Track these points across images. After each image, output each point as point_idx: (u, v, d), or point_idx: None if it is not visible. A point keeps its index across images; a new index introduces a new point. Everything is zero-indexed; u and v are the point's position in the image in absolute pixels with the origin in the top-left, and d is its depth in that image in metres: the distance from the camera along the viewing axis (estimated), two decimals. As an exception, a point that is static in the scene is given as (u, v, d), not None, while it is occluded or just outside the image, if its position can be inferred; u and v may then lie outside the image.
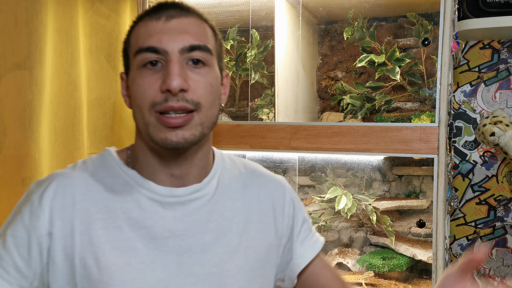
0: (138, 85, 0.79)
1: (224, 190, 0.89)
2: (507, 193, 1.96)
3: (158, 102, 0.77)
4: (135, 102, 0.81)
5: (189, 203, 0.84)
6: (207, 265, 0.83)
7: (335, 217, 1.76)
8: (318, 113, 1.93)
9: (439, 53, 1.35)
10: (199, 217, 0.84)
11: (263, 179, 0.96)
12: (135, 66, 0.80)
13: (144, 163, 0.85)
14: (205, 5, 1.84)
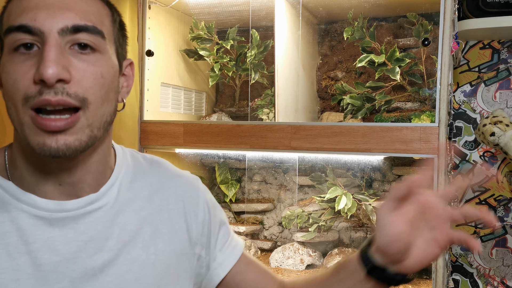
0: (8, 73, 0.63)
1: (127, 199, 0.75)
2: (507, 193, 1.96)
3: (31, 95, 0.61)
4: (6, 95, 0.64)
5: (82, 218, 0.69)
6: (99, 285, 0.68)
7: (335, 217, 1.76)
8: (318, 113, 1.93)
9: (439, 53, 1.35)
10: (96, 235, 0.69)
11: (173, 181, 0.82)
12: (6, 50, 0.64)
13: (24, 171, 0.68)
14: (205, 5, 1.84)
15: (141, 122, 1.70)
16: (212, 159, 2.02)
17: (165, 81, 1.83)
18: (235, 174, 2.01)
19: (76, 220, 0.68)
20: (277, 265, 1.74)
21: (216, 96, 2.15)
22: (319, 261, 1.77)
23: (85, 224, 0.69)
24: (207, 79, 1.89)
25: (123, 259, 0.71)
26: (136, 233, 0.74)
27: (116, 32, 0.72)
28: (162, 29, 1.80)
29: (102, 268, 0.69)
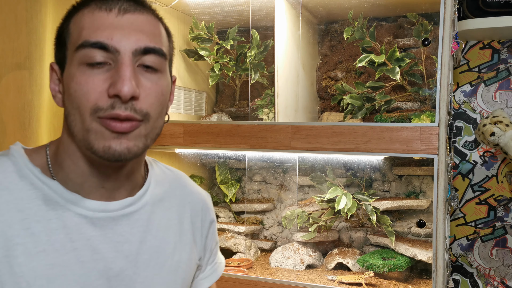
0: (79, 84, 0.67)
1: (157, 206, 0.82)
2: (507, 193, 1.96)
3: (103, 108, 0.67)
4: (72, 103, 0.69)
5: (121, 220, 0.75)
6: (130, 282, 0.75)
7: (335, 217, 1.76)
8: (318, 113, 1.93)
9: (439, 53, 1.35)
10: (131, 237, 0.76)
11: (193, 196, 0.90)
12: (76, 61, 0.68)
13: (71, 172, 0.73)
14: (205, 5, 1.84)
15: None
16: (212, 159, 2.02)
17: (165, 81, 1.83)
18: (235, 174, 2.01)
19: (116, 221, 0.75)
20: (277, 265, 1.75)
21: (216, 96, 2.15)
22: (319, 261, 1.77)
23: (123, 226, 0.75)
24: (207, 79, 1.89)
25: (154, 262, 0.78)
26: (165, 240, 0.81)
27: (171, 52, 0.79)
28: (162, 29, 1.80)
29: (135, 270, 0.76)
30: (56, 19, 1.38)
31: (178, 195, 0.87)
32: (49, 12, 1.34)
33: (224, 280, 1.57)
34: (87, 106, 0.67)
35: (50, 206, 0.70)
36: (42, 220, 0.70)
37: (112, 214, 0.74)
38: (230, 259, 1.81)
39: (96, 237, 0.72)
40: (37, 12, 1.29)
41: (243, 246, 1.85)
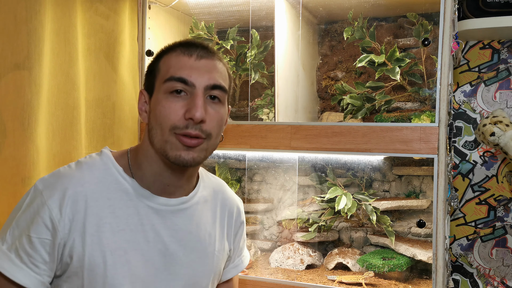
0: (164, 107, 0.92)
1: (203, 205, 1.06)
2: (507, 193, 1.96)
3: (179, 127, 0.91)
4: (157, 121, 0.93)
5: (177, 213, 1.00)
6: (185, 267, 1.01)
7: (335, 217, 1.76)
8: (318, 113, 1.93)
9: (439, 53, 1.35)
10: (185, 227, 1.01)
11: (230, 201, 1.16)
12: (163, 90, 0.93)
13: (147, 172, 0.97)
14: (205, 5, 1.84)
15: (141, 122, 1.70)
16: (212, 159, 2.02)
17: (165, 81, 1.82)
18: (235, 174, 2.01)
19: (174, 214, 0.99)
20: (277, 265, 1.74)
21: (216, 96, 2.15)
22: (319, 261, 1.77)
23: (178, 218, 1.00)
24: (207, 79, 1.88)
25: (198, 248, 1.03)
26: (208, 233, 1.06)
27: (230, 87, 1.04)
28: (162, 29, 1.80)
29: (184, 252, 1.00)
30: (55, 19, 1.38)
31: (219, 199, 1.12)
32: (49, 12, 1.34)
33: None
34: (168, 124, 0.92)
35: (129, 197, 0.95)
36: (123, 207, 0.94)
37: (171, 208, 0.99)
38: (230, 259, 1.81)
39: (159, 224, 0.97)
40: (37, 12, 1.29)
41: (243, 246, 1.85)
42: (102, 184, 0.93)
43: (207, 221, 1.07)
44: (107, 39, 1.58)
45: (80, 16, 1.48)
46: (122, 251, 0.92)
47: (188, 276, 1.01)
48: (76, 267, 0.89)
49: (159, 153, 0.94)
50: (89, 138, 1.52)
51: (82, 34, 1.49)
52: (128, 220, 0.94)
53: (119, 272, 0.91)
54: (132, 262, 0.93)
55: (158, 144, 0.93)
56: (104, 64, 1.57)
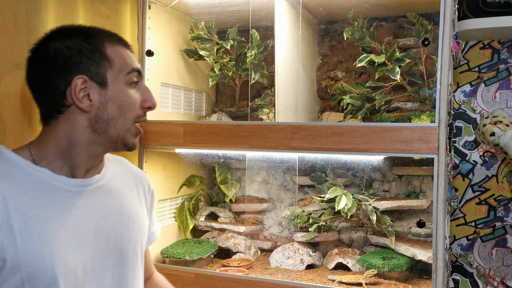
0: (130, 98, 0.99)
1: (117, 179, 1.10)
2: (507, 193, 1.96)
3: (141, 115, 1.02)
4: (121, 111, 0.98)
5: (96, 191, 1.02)
6: (118, 240, 1.03)
7: (335, 217, 1.76)
8: (318, 113, 1.93)
9: (439, 53, 1.35)
10: (106, 203, 1.04)
11: (137, 173, 1.20)
12: (125, 82, 0.99)
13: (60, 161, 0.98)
14: (205, 5, 1.84)
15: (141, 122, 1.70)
16: (212, 159, 2.02)
17: (165, 81, 1.83)
18: (235, 174, 2.01)
19: (94, 192, 1.02)
20: (277, 265, 1.75)
21: (216, 96, 2.15)
22: (319, 261, 1.77)
23: (99, 196, 1.03)
24: (207, 79, 1.89)
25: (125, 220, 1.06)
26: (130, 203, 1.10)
27: None
28: (162, 29, 1.80)
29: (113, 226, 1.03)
30: (56, 19, 1.38)
31: (128, 171, 1.16)
32: (49, 12, 1.34)
33: (224, 280, 1.57)
34: (133, 114, 1.00)
35: (47, 186, 0.95)
36: (44, 197, 0.93)
37: (90, 188, 1.01)
38: (230, 259, 1.81)
39: (84, 205, 0.98)
40: (37, 12, 1.29)
41: (243, 246, 1.85)
42: (14, 180, 0.92)
43: (125, 192, 1.10)
44: (107, 39, 1.58)
45: (81, 16, 1.48)
46: (56, 240, 0.91)
47: (122, 247, 1.04)
48: (11, 268, 0.87)
49: (112, 141, 0.99)
50: (89, 138, 1.51)
51: (82, 34, 1.49)
52: (53, 208, 0.93)
53: (57, 261, 0.90)
54: (68, 248, 0.93)
55: (117, 133, 0.99)
56: (104, 64, 1.57)
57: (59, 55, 0.96)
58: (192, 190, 2.02)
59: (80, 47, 0.97)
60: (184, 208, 1.91)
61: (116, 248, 1.03)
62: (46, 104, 0.99)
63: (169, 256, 1.73)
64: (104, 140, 0.99)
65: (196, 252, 1.72)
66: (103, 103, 0.97)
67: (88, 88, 0.96)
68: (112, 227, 1.03)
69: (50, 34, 1.00)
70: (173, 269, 1.65)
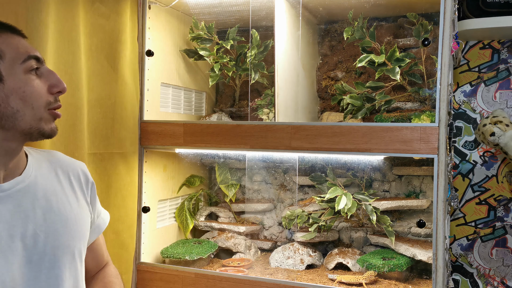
0: (34, 87, 0.94)
1: (43, 178, 1.03)
2: (507, 193, 1.96)
3: (52, 102, 0.97)
4: (26, 102, 0.93)
5: (16, 195, 0.96)
6: (50, 242, 0.98)
7: (335, 217, 1.76)
8: (318, 113, 1.93)
9: (439, 53, 1.35)
10: (31, 206, 0.97)
11: (70, 166, 1.13)
12: (22, 71, 0.93)
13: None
14: (205, 5, 1.84)
15: (141, 122, 1.70)
16: (212, 159, 2.02)
17: (165, 81, 1.83)
18: (235, 174, 2.01)
19: (14, 196, 0.95)
20: (277, 265, 1.75)
21: (216, 96, 2.15)
22: (319, 261, 1.77)
23: (22, 199, 0.97)
24: (207, 79, 1.89)
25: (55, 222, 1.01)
26: (62, 202, 1.04)
27: None
28: (162, 29, 1.80)
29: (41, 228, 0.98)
30: (56, 19, 1.38)
31: (58, 167, 1.10)
32: (50, 12, 1.34)
33: (224, 280, 1.57)
34: (41, 102, 0.94)
35: None
36: None
37: (8, 192, 0.95)
38: (230, 259, 1.81)
39: (4, 211, 0.92)
40: (38, 12, 1.29)
41: (243, 246, 1.85)
42: None
43: (55, 191, 1.04)
44: (108, 39, 1.58)
45: (81, 16, 1.48)
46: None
47: (54, 248, 0.99)
48: None
49: (25, 133, 0.94)
50: (91, 138, 1.52)
51: (84, 34, 1.50)
52: None
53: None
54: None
55: (29, 124, 0.93)
56: (105, 64, 1.57)
57: None
58: (192, 190, 2.02)
59: None
60: (184, 208, 1.91)
61: (48, 250, 0.97)
62: None
63: (169, 256, 1.73)
64: (16, 134, 0.94)
65: (196, 252, 1.72)
66: (4, 98, 0.91)
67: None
68: (40, 229, 0.97)
69: None
70: (173, 269, 1.65)
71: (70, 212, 1.05)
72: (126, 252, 1.63)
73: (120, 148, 1.63)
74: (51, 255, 0.98)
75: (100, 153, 1.55)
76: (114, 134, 1.60)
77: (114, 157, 1.60)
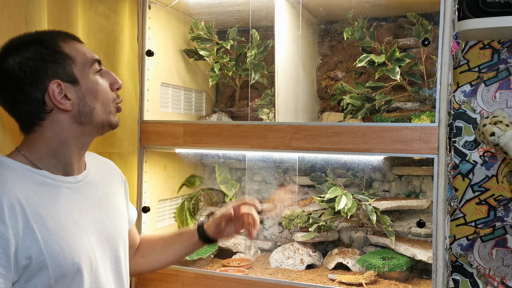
0: (102, 86, 1.09)
1: (99, 174, 1.19)
2: (507, 193, 1.96)
3: (115, 97, 1.12)
4: (98, 99, 1.07)
5: (86, 186, 1.12)
6: (111, 227, 1.14)
7: (335, 217, 1.76)
8: (318, 113, 1.93)
9: (439, 53, 1.35)
10: (97, 196, 1.14)
11: (111, 165, 1.29)
12: (92, 72, 1.07)
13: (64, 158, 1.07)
14: (205, 5, 1.84)
15: (141, 122, 1.70)
16: (212, 159, 2.02)
17: (165, 81, 1.83)
18: (235, 174, 2.01)
19: (85, 187, 1.11)
20: (277, 265, 1.75)
21: (216, 96, 2.15)
22: (319, 261, 1.77)
23: (90, 189, 1.13)
24: (207, 79, 1.89)
25: (112, 209, 1.17)
26: (114, 194, 1.21)
27: None
28: (162, 29, 1.80)
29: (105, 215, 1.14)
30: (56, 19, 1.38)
31: (100, 164, 1.25)
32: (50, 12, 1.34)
33: (224, 280, 1.57)
34: (109, 97, 1.10)
35: (50, 187, 1.03)
36: (51, 196, 1.02)
37: (82, 183, 1.11)
38: (230, 259, 1.81)
39: (81, 199, 1.09)
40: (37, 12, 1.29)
41: (243, 246, 1.84)
42: (23, 184, 0.99)
43: (106, 184, 1.20)
44: (107, 39, 1.58)
45: (80, 16, 1.48)
46: (69, 233, 1.01)
47: (115, 233, 1.15)
48: (36, 264, 0.95)
49: (98, 127, 1.09)
50: (89, 138, 1.51)
51: (82, 34, 1.49)
52: (60, 206, 1.02)
53: (75, 251, 1.01)
54: (80, 239, 1.03)
55: (102, 118, 1.09)
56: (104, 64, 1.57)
57: (26, 68, 1.01)
58: (192, 190, 2.02)
59: (40, 54, 1.02)
60: (184, 208, 1.91)
61: (111, 235, 1.13)
62: (27, 116, 1.04)
63: (169, 256, 1.73)
64: (92, 128, 1.09)
65: (196, 252, 1.72)
66: (81, 98, 1.05)
67: (63, 90, 1.03)
68: (105, 216, 1.13)
69: (3, 51, 1.04)
70: (173, 269, 1.65)
71: (118, 203, 1.21)
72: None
73: (119, 148, 1.63)
74: (114, 240, 1.14)
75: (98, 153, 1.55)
76: (113, 134, 1.60)
77: (113, 157, 1.60)
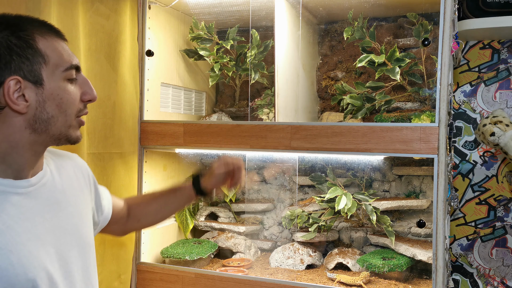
0: (70, 95, 0.95)
1: (58, 173, 1.07)
2: (507, 193, 1.96)
3: (81, 109, 0.99)
4: (60, 108, 0.94)
5: (42, 189, 0.99)
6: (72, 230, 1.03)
7: (335, 217, 1.76)
8: (318, 113, 1.93)
9: (439, 53, 1.35)
10: (54, 198, 1.01)
11: (76, 161, 1.17)
12: (62, 78, 0.94)
13: (14, 163, 0.95)
14: (205, 5, 1.84)
15: (141, 122, 1.70)
16: (212, 159, 2.02)
17: (165, 81, 1.83)
18: (235, 174, 2.01)
19: (40, 190, 0.99)
20: (277, 265, 1.75)
21: (216, 96, 2.15)
22: (319, 261, 1.77)
23: (46, 192, 1.00)
24: (207, 79, 1.89)
25: (74, 211, 1.06)
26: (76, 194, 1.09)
27: None
28: (162, 29, 1.80)
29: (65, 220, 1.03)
30: (56, 19, 1.38)
31: (62, 161, 1.12)
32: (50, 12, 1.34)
33: (224, 280, 1.57)
34: (74, 109, 0.96)
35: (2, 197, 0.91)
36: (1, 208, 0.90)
37: (35, 187, 0.98)
38: (230, 259, 1.81)
39: (35, 205, 0.96)
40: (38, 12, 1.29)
41: (243, 246, 1.85)
42: None
43: (71, 184, 1.08)
44: (107, 39, 1.58)
45: (81, 16, 1.48)
46: (20, 245, 0.89)
47: (78, 240, 1.04)
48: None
49: (54, 139, 0.96)
50: (90, 138, 1.52)
51: (83, 34, 1.49)
52: (10, 214, 0.90)
53: (27, 266, 0.89)
54: (34, 251, 0.91)
55: (59, 130, 0.95)
56: (105, 64, 1.57)
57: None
58: (192, 190, 2.02)
59: (8, 43, 0.89)
60: (184, 208, 1.91)
61: (73, 242, 1.02)
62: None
63: (169, 256, 1.73)
64: (46, 139, 0.96)
65: (196, 252, 1.72)
66: (41, 102, 0.92)
67: (22, 89, 0.90)
68: (66, 221, 1.01)
69: None
70: (173, 269, 1.65)
71: (82, 205, 1.10)
72: (124, 252, 1.63)
73: (119, 148, 1.63)
74: (78, 247, 1.04)
75: (99, 153, 1.55)
76: (113, 134, 1.60)
77: (113, 157, 1.60)
